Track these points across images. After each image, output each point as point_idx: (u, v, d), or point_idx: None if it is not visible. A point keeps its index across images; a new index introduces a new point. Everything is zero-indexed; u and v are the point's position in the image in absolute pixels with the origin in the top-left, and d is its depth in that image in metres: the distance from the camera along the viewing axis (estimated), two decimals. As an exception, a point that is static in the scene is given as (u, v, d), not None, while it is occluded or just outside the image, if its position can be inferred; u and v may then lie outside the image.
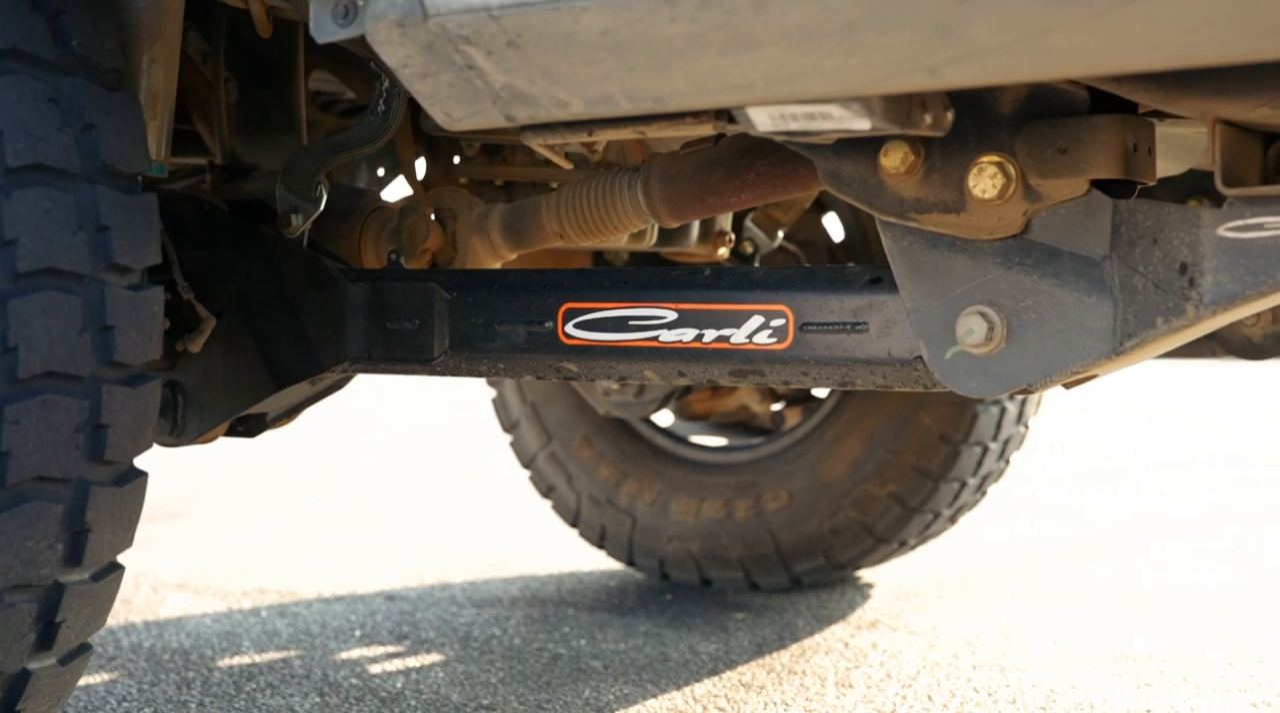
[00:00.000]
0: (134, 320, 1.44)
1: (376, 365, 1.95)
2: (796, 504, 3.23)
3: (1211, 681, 2.57)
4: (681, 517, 3.36)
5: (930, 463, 3.11)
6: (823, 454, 3.22)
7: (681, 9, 1.19)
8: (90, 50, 1.45)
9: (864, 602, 3.28)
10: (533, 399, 3.53)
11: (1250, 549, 4.07)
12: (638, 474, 3.43)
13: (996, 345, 1.52)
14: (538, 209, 2.06)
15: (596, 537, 3.51)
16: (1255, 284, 1.37)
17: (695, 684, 2.56)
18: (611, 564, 3.71)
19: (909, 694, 2.48)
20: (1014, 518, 4.52)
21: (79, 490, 1.42)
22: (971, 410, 3.08)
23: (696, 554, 3.36)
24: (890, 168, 1.52)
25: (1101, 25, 1.08)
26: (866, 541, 3.22)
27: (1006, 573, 3.67)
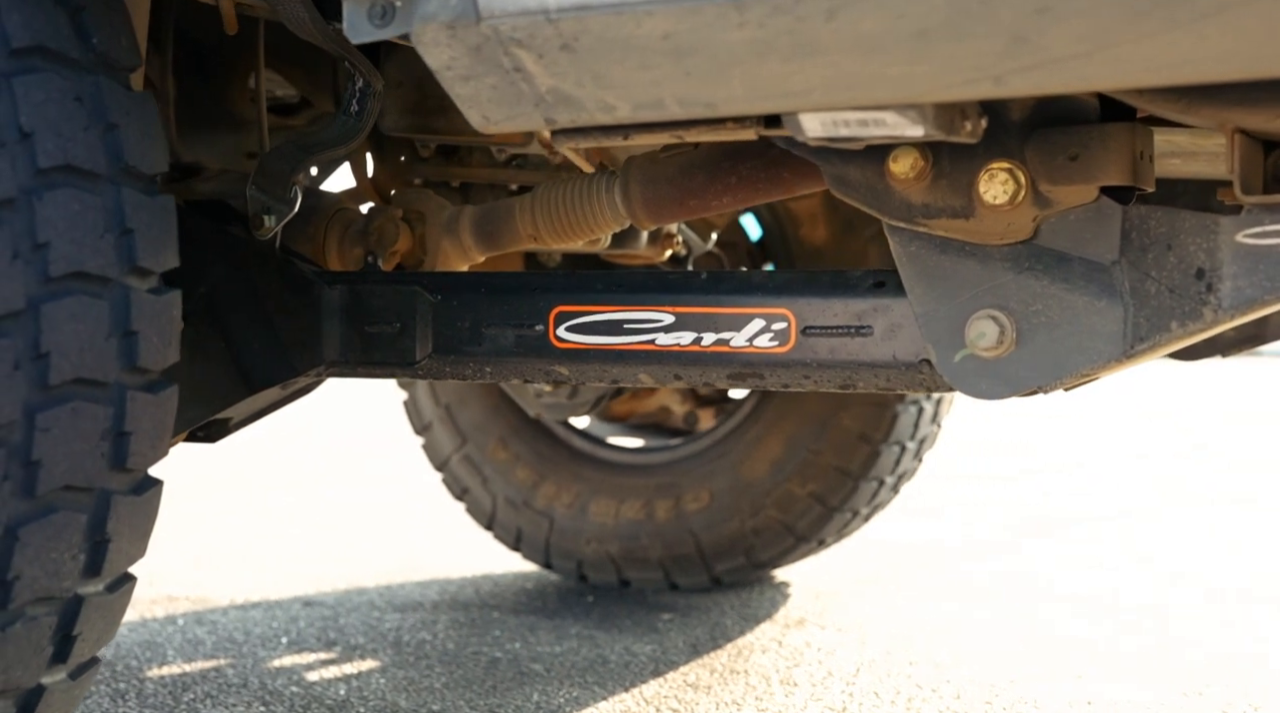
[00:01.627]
0: (156, 325, 1.40)
1: (354, 369, 1.92)
2: (718, 504, 3.26)
3: (1139, 671, 2.65)
4: (600, 518, 3.37)
5: (851, 463, 3.15)
6: (744, 455, 3.24)
7: (750, 15, 1.20)
8: (110, 48, 1.41)
9: (785, 601, 3.32)
10: (446, 401, 3.50)
11: (1155, 542, 4.19)
12: (555, 476, 3.42)
13: (1006, 348, 1.55)
14: (511, 211, 2.05)
15: (512, 539, 3.50)
16: (1274, 289, 1.42)
17: (642, 686, 2.56)
18: (526, 566, 3.71)
19: (854, 692, 2.51)
20: (919, 516, 4.60)
21: (101, 500, 1.38)
22: (891, 410, 3.12)
23: (616, 556, 3.36)
24: (900, 173, 1.54)
25: (1179, 37, 1.11)
26: (787, 540, 3.26)
27: (918, 570, 3.74)
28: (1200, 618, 3.12)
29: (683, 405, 3.44)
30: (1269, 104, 1.37)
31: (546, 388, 3.10)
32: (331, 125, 1.93)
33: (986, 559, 3.92)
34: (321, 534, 4.39)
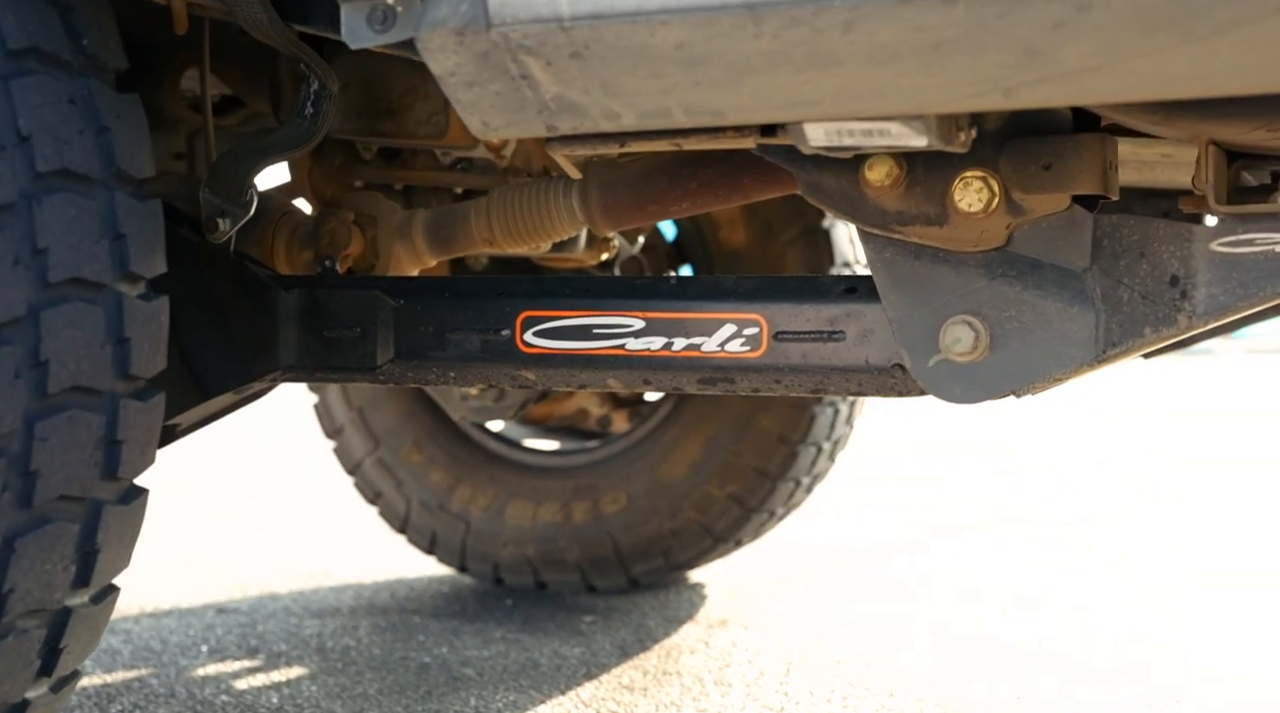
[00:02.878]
0: (146, 331, 1.38)
1: (312, 374, 1.91)
2: (636, 506, 3.27)
3: (1065, 667, 2.71)
4: (518, 521, 3.36)
5: (769, 464, 3.18)
6: (662, 456, 3.26)
7: (767, 26, 1.21)
8: (99, 49, 1.38)
9: (705, 601, 3.34)
10: (359, 405, 3.47)
11: (1064, 541, 4.29)
12: (471, 479, 3.41)
13: (980, 354, 1.58)
14: (466, 215, 2.04)
15: (427, 543, 3.48)
16: (1247, 296, 1.46)
17: (577, 689, 2.56)
18: (439, 570, 3.69)
19: (789, 691, 2.54)
20: (826, 517, 4.65)
21: (92, 510, 1.36)
22: (809, 412, 3.16)
23: (533, 558, 3.36)
24: (875, 181, 1.57)
25: (1191, 52, 1.15)
26: (705, 541, 3.28)
27: (830, 570, 3.78)
28: (1126, 615, 3.20)
29: (601, 408, 3.44)
30: (1244, 117, 1.42)
31: (472, 391, 3.09)
32: (286, 128, 1.90)
33: (900, 559, 3.98)
34: (233, 540, 4.33)
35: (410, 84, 2.16)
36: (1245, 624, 3.10)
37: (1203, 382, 14.64)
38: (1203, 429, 8.70)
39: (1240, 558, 3.99)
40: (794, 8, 1.19)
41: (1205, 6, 1.11)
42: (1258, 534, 4.43)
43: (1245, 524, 4.63)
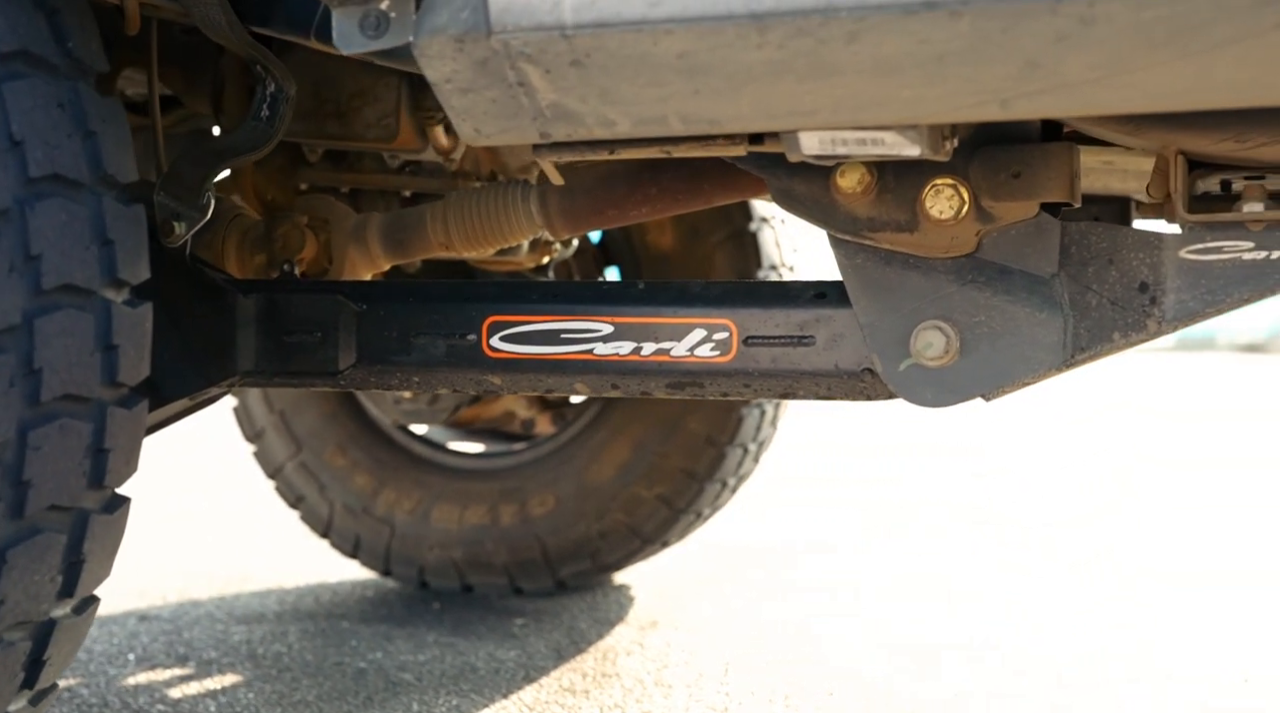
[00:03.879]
0: (133, 338, 1.36)
1: (271, 379, 1.89)
2: (563, 508, 3.27)
3: (992, 663, 2.76)
4: (444, 524, 3.35)
5: (697, 465, 3.20)
6: (590, 459, 3.26)
7: (771, 36, 1.22)
8: (84, 52, 1.36)
9: (633, 603, 3.35)
10: (281, 407, 3.43)
11: (1008, 540, 4.36)
12: (396, 482, 3.39)
13: (951, 358, 1.61)
14: (421, 219, 2.04)
15: (350, 547, 3.45)
16: (1215, 302, 1.51)
17: (519, 692, 2.56)
18: (361, 574, 3.67)
19: (730, 691, 2.56)
20: (749, 518, 4.67)
21: (79, 520, 1.34)
22: (737, 414, 3.18)
23: (459, 561, 3.35)
24: (847, 188, 1.59)
25: (1189, 66, 1.18)
26: (633, 542, 3.29)
27: (752, 570, 3.81)
28: (1069, 612, 3.27)
29: (527, 411, 3.44)
30: (1214, 128, 1.46)
31: (405, 395, 3.08)
32: (242, 130, 1.89)
33: (830, 558, 4.02)
34: (149, 545, 4.24)
35: (360, 87, 2.15)
36: (1198, 622, 3.18)
37: (1175, 379, 14.94)
38: (1169, 428, 8.88)
39: (1195, 558, 4.08)
40: (800, 19, 1.20)
41: (1205, 22, 1.14)
42: (1218, 534, 4.53)
43: (1206, 524, 4.74)
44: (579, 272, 3.26)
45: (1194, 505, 5.18)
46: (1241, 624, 3.13)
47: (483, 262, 2.71)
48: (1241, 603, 3.36)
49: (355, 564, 3.55)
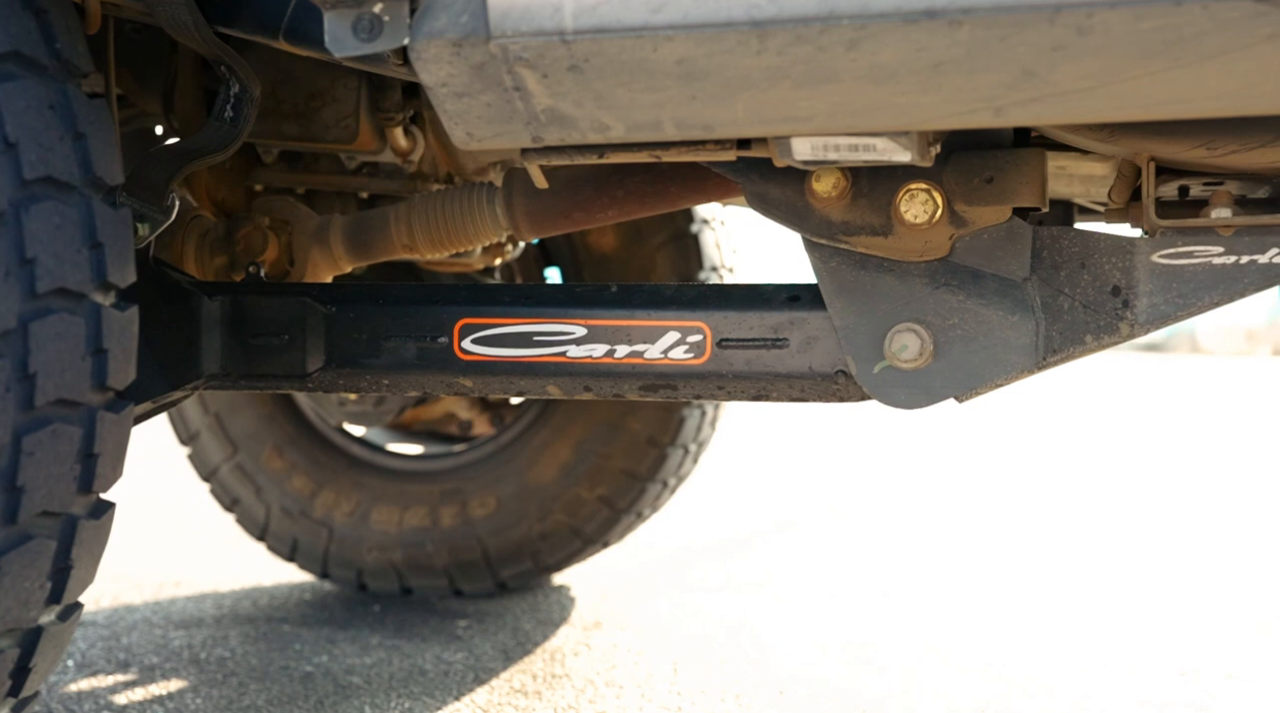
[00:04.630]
0: (121, 342, 1.35)
1: (237, 382, 1.88)
2: (505, 510, 3.27)
3: (940, 660, 2.80)
4: (383, 526, 3.33)
5: (640, 466, 3.21)
6: (531, 460, 3.26)
7: (771, 43, 1.24)
8: (71, 53, 1.34)
9: (574, 604, 3.36)
10: (216, 410, 3.40)
11: (932, 533, 4.40)
12: (334, 484, 3.37)
13: (925, 360, 1.64)
14: (385, 221, 2.03)
15: (287, 550, 3.42)
16: (1186, 305, 1.55)
17: (471, 694, 2.56)
18: (296, 576, 3.64)
19: (681, 690, 2.57)
20: (678, 517, 4.69)
21: (68, 525, 1.32)
22: (678, 415, 3.20)
23: (399, 564, 3.33)
24: (822, 192, 1.61)
25: (1180, 76, 1.21)
26: (575, 543, 3.30)
27: (685, 569, 3.83)
28: (1007, 607, 3.31)
29: (468, 412, 3.43)
30: (1187, 136, 1.49)
31: (351, 396, 3.06)
32: (206, 130, 1.87)
33: (764, 555, 4.04)
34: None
35: (318, 88, 2.14)
36: (1140, 616, 3.24)
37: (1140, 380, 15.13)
38: (1093, 425, 9.01)
39: (1139, 553, 4.15)
40: (801, 26, 1.22)
41: (1197, 34, 1.17)
42: (1161, 528, 4.61)
43: (1147, 519, 4.82)
44: (520, 274, 3.26)
45: (1130, 503, 5.27)
46: (1182, 618, 3.20)
47: (430, 263, 2.71)
48: (1184, 596, 3.43)
49: (291, 567, 3.52)
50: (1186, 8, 1.15)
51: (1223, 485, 5.85)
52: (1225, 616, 3.24)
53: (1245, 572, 3.83)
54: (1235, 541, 4.37)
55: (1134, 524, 4.70)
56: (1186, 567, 3.90)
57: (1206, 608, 3.32)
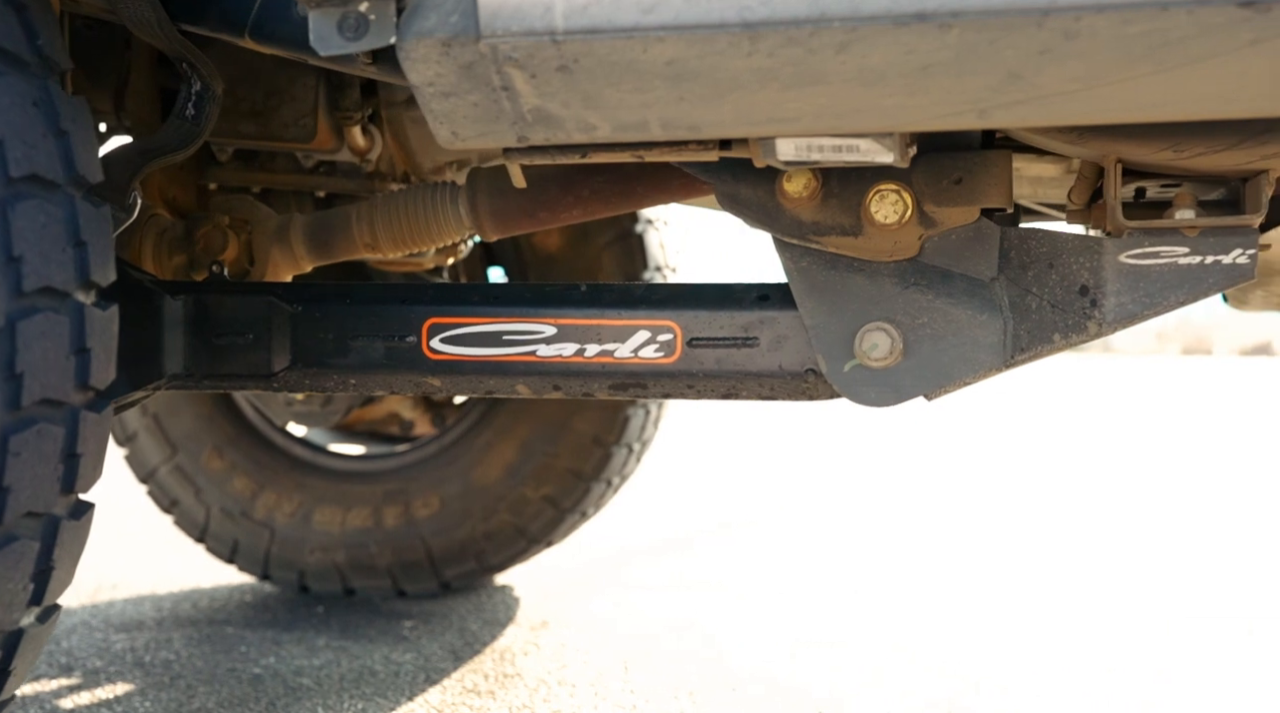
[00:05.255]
0: (102, 341, 1.34)
1: (200, 382, 1.86)
2: (449, 510, 3.26)
3: (886, 656, 2.83)
4: (326, 527, 3.31)
5: (585, 465, 3.22)
6: (476, 460, 3.26)
7: (762, 45, 1.25)
8: (52, 50, 1.33)
9: (519, 603, 3.36)
10: (154, 411, 3.36)
11: (875, 530, 4.44)
12: (276, 485, 3.35)
13: (894, 359, 1.65)
14: (347, 220, 2.02)
15: (227, 551, 3.40)
16: (1152, 304, 1.58)
17: (424, 694, 2.55)
18: (235, 578, 3.61)
19: (634, 687, 2.58)
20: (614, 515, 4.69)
21: (50, 526, 1.30)
22: (623, 414, 3.21)
23: (342, 564, 3.32)
24: (793, 193, 1.63)
25: (1162, 81, 1.23)
26: (520, 542, 3.30)
27: (625, 568, 3.83)
28: (960, 605, 3.35)
29: (412, 412, 3.42)
30: (1154, 138, 1.52)
31: (297, 396, 3.04)
32: (168, 128, 1.85)
33: (671, 553, 4.05)
34: None
35: (276, 86, 2.12)
36: (1082, 615, 3.28)
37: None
38: (1040, 422, 9.10)
39: (1080, 545, 4.21)
40: (792, 28, 1.23)
41: (1182, 38, 1.19)
42: (1109, 525, 4.68)
43: (1093, 514, 4.88)
44: (465, 272, 3.26)
45: (1066, 501, 5.34)
46: (1113, 615, 3.25)
47: (381, 262, 2.70)
48: (1115, 593, 3.49)
49: (230, 569, 3.49)
50: (1173, 12, 1.17)
51: (1148, 482, 5.95)
52: (1160, 613, 3.30)
53: (1175, 569, 3.90)
54: (1169, 538, 4.44)
55: (1071, 521, 4.77)
56: (1122, 564, 3.96)
57: (1138, 606, 3.38)
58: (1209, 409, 10.23)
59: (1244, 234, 1.55)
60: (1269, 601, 3.42)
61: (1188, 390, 12.82)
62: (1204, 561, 4.02)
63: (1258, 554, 4.14)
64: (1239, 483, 5.86)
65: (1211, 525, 4.72)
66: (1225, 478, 6.03)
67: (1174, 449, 7.29)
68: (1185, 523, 4.76)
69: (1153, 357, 24.30)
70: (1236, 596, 3.49)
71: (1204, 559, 4.04)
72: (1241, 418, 9.06)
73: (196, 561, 3.74)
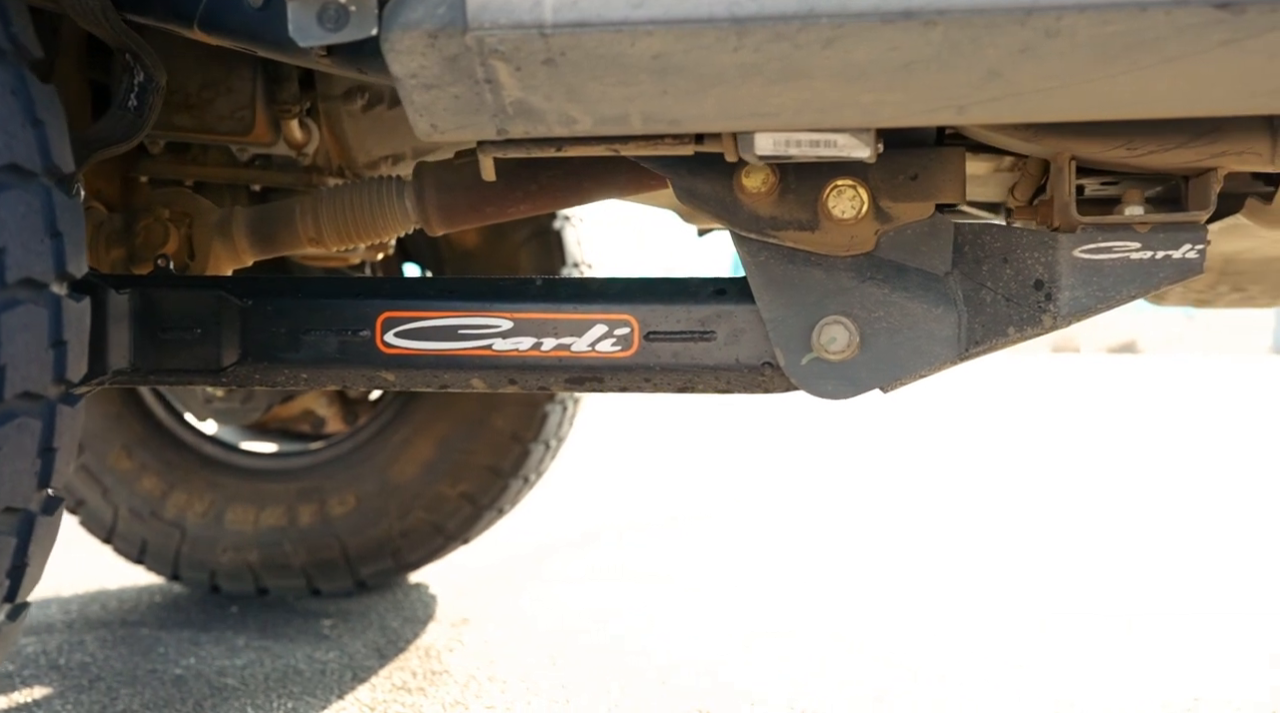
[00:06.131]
0: (77, 334, 1.32)
1: (146, 377, 1.83)
2: (365, 507, 3.24)
3: (830, 649, 2.86)
4: (238, 526, 3.27)
5: (503, 462, 3.22)
6: (392, 457, 3.24)
7: (749, 40, 1.26)
8: (25, 37, 1.30)
9: (435, 600, 3.34)
10: (60, 409, 3.29)
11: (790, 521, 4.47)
12: (187, 485, 3.30)
13: (851, 352, 1.68)
14: (290, 213, 2.00)
15: (136, 552, 3.34)
16: (1106, 298, 1.62)
17: (353, 692, 2.54)
18: (142, 578, 3.55)
19: (566, 682, 2.59)
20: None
21: (25, 522, 1.28)
22: (541, 410, 3.21)
23: (255, 564, 3.28)
24: (752, 188, 1.65)
25: (1135, 79, 1.27)
26: (437, 540, 3.29)
27: (537, 562, 3.83)
28: (881, 597, 3.39)
29: (327, 409, 3.39)
30: (1108, 136, 1.56)
31: (217, 393, 3.00)
32: (108, 120, 1.82)
33: (588, 548, 4.06)
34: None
35: (211, 78, 2.10)
36: (1035, 611, 3.34)
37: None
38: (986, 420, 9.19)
39: (1026, 543, 4.28)
40: (780, 24, 1.25)
41: (1158, 38, 1.23)
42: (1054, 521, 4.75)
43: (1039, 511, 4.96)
44: (381, 268, 3.23)
45: (993, 493, 5.43)
46: (1051, 608, 3.32)
47: (304, 257, 2.68)
48: (1051, 586, 3.56)
49: (136, 569, 3.44)
50: (1151, 13, 1.21)
51: (1033, 480, 6.07)
52: (1100, 606, 3.38)
53: (1114, 564, 3.99)
54: (1100, 532, 4.54)
55: (999, 514, 4.85)
56: (1056, 558, 4.05)
57: (1076, 599, 3.45)
58: (1080, 406, 10.46)
59: (1193, 230, 1.60)
60: (1147, 596, 3.51)
61: (1059, 388, 13.09)
62: (1091, 557, 4.12)
63: (1134, 550, 4.25)
64: (1113, 479, 6.00)
65: (1113, 520, 4.83)
66: (1099, 474, 6.17)
67: (1048, 447, 7.45)
68: (1121, 520, 4.87)
69: (1024, 355, 24.71)
70: (1113, 592, 3.58)
71: (1091, 556, 4.14)
72: (1110, 415, 9.28)
73: (101, 561, 3.66)
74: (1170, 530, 4.47)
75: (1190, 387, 12.79)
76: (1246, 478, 5.94)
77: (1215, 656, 2.82)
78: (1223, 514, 4.84)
